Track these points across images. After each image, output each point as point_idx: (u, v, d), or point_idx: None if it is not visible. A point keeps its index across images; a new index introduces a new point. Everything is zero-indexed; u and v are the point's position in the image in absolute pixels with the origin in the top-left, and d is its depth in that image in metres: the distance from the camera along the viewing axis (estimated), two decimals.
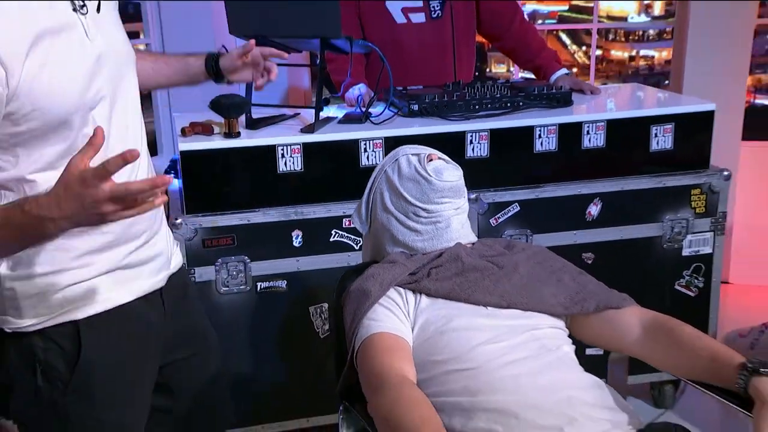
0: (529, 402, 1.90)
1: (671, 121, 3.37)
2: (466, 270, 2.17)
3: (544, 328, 2.13)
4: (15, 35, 1.69)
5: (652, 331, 2.12)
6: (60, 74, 1.75)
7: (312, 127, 3.09)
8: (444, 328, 2.07)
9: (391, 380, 1.91)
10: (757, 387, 1.79)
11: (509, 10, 3.93)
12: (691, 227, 3.40)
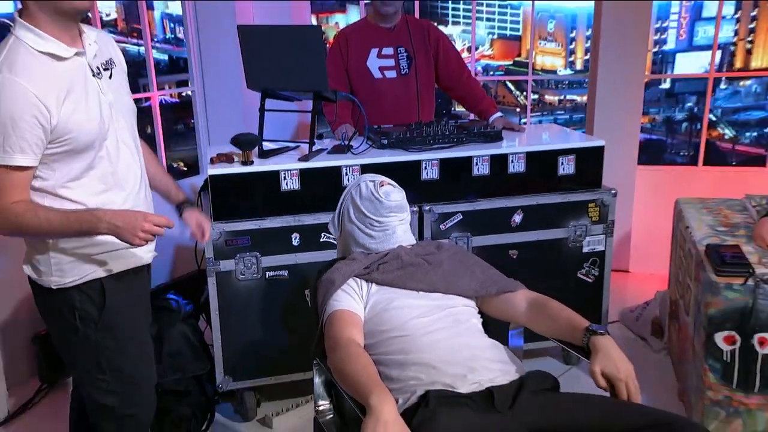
0: (444, 358, 2.07)
1: (573, 153, 3.50)
2: (405, 265, 2.33)
3: (458, 307, 2.29)
4: (55, 90, 1.94)
5: (532, 307, 2.29)
6: (84, 116, 2.00)
7: (307, 156, 3.22)
8: (387, 307, 2.24)
9: (342, 342, 2.08)
10: (594, 342, 2.01)
11: (459, 70, 4.00)
12: (588, 231, 3.51)
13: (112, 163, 2.18)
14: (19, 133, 1.91)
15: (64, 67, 2.00)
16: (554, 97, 5.41)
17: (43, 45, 1.95)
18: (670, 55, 5.54)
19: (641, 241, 4.89)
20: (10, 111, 1.89)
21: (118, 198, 2.20)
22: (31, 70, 1.94)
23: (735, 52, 6.19)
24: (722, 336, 2.85)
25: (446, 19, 5.99)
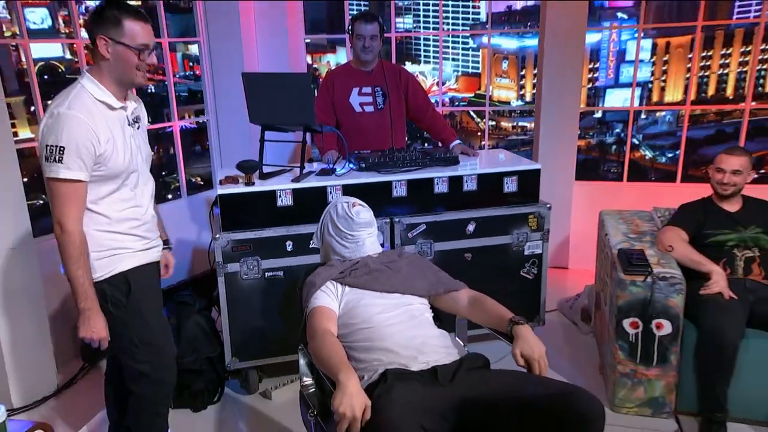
0: (400, 344, 2.15)
1: (515, 175, 3.53)
2: (371, 271, 2.39)
3: (414, 304, 2.36)
4: (104, 129, 2.13)
5: (471, 303, 2.36)
6: (119, 153, 2.17)
7: (298, 178, 3.26)
8: (357, 305, 2.31)
9: (320, 332, 2.16)
10: (515, 330, 2.07)
11: (425, 105, 4.01)
12: (528, 238, 3.54)
13: (134, 190, 2.31)
14: (79, 155, 2.06)
15: (112, 115, 2.18)
16: (508, 124, 5.52)
17: (101, 95, 2.14)
18: (601, 90, 5.70)
19: (577, 243, 4.90)
20: (75, 138, 2.05)
21: (137, 213, 2.33)
22: (89, 110, 2.12)
23: (652, 88, 6.34)
24: (628, 322, 2.95)
25: (419, 59, 6.06)
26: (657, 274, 2.86)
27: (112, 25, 2.11)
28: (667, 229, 3.16)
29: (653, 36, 3.83)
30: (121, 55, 2.13)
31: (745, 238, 3.08)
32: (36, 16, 4.26)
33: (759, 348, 2.82)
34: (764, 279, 3.02)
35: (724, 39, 4.62)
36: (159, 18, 4.64)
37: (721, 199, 3.16)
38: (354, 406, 1.74)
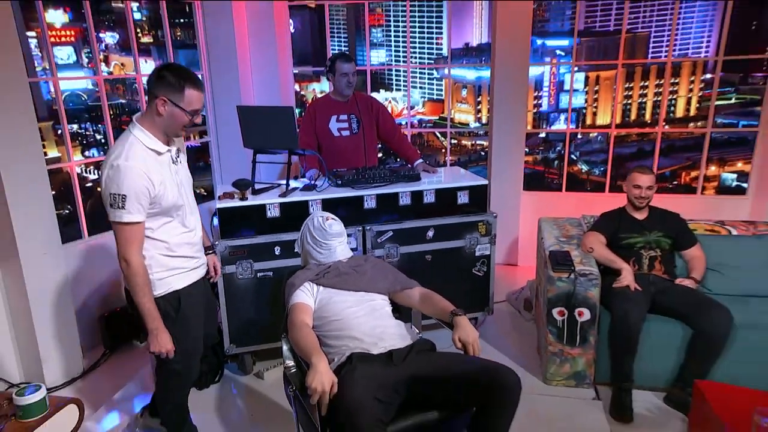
0: (364, 332, 2.22)
1: (467, 189, 3.55)
2: (341, 273, 2.45)
3: (376, 300, 2.42)
4: (156, 174, 2.16)
5: (422, 298, 2.42)
6: (169, 192, 2.19)
7: (285, 193, 3.29)
8: (329, 301, 2.37)
9: (297, 324, 2.23)
10: (455, 320, 2.15)
11: (393, 130, 4.05)
12: (479, 241, 3.56)
13: (185, 218, 2.34)
14: (138, 200, 2.10)
15: (160, 159, 2.20)
16: (468, 142, 5.59)
17: (151, 144, 2.16)
18: (545, 114, 5.80)
19: (525, 244, 4.93)
20: (133, 186, 2.09)
21: (186, 237, 2.36)
22: (143, 159, 2.13)
23: (586, 113, 6.50)
24: (556, 310, 3.04)
25: (391, 87, 6.11)
26: (579, 271, 2.97)
27: (174, 90, 2.12)
28: (590, 234, 3.29)
29: (585, 70, 3.96)
30: (175, 116, 2.16)
31: (650, 240, 3.22)
32: (63, 53, 4.30)
33: (658, 330, 2.96)
34: (664, 274, 3.16)
35: (642, 74, 4.80)
36: (167, 51, 4.67)
37: (634, 209, 3.30)
38: (324, 382, 1.85)
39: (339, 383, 1.91)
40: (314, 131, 3.88)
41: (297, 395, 2.11)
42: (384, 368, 2.04)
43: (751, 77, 3.88)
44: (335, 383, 1.89)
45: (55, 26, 3.82)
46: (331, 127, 3.89)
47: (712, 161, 4.35)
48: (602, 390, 3.09)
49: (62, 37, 5.27)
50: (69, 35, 5.51)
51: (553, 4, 4.70)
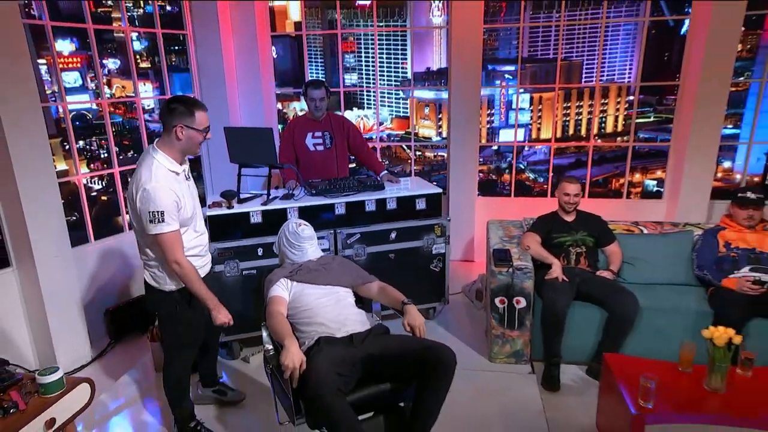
0: (330, 320, 2.31)
1: (424, 197, 3.62)
2: (311, 271, 2.51)
3: (341, 292, 2.49)
4: (179, 191, 2.28)
5: (379, 291, 2.50)
6: (186, 204, 2.31)
7: (266, 202, 3.36)
8: (301, 294, 2.43)
9: (274, 313, 2.31)
10: (405, 308, 2.27)
11: (361, 145, 4.08)
12: (435, 242, 3.64)
13: (196, 224, 2.45)
14: (171, 213, 2.24)
15: (178, 177, 2.32)
16: (431, 154, 5.70)
17: (170, 166, 2.29)
18: (497, 129, 5.94)
19: (479, 243, 5.04)
20: (166, 202, 2.22)
21: (197, 240, 2.46)
22: (167, 179, 2.26)
23: (531, 128, 6.69)
24: (498, 299, 3.16)
25: (363, 105, 6.22)
26: (516, 266, 3.12)
27: (187, 116, 2.26)
28: (528, 234, 3.43)
29: (530, 92, 4.11)
30: (192, 137, 2.29)
31: (577, 239, 3.39)
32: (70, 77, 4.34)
33: (581, 314, 3.12)
34: (588, 267, 3.33)
35: (577, 95, 5.02)
36: (163, 76, 4.74)
37: (564, 213, 3.46)
38: (294, 360, 1.98)
39: (307, 361, 2.02)
40: (293, 146, 3.94)
41: (274, 372, 2.22)
42: (345, 349, 2.15)
43: (666, 99, 4.09)
44: (304, 361, 2.01)
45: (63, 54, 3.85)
46: (307, 143, 3.95)
47: (637, 170, 4.57)
48: (537, 365, 3.24)
49: (69, 64, 5.31)
50: (75, 61, 5.55)
51: (501, 35, 4.87)
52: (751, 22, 3.30)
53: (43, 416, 1.97)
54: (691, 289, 3.25)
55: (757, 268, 3.02)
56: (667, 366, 2.41)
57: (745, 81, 4.36)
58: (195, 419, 2.69)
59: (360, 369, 2.13)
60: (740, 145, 4.78)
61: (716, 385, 2.21)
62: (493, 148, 4.62)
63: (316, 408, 1.92)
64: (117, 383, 3.27)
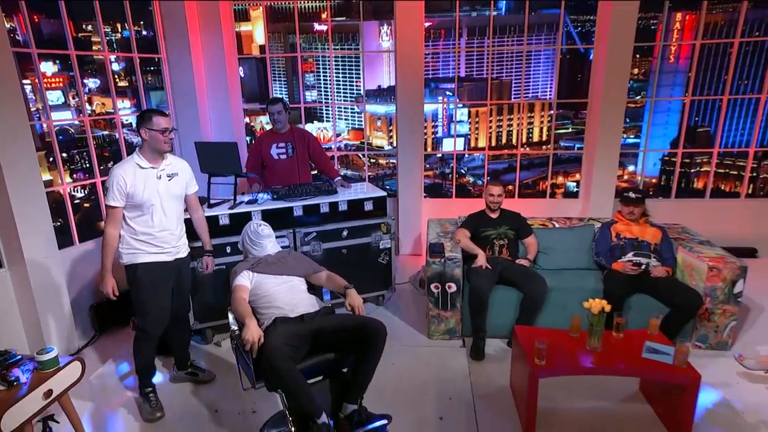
0: (285, 303, 2.45)
1: (372, 199, 3.78)
2: (270, 263, 2.64)
3: (295, 281, 2.63)
4: (131, 178, 2.55)
5: (327, 278, 2.64)
6: (140, 193, 2.53)
7: (233, 207, 3.47)
8: (261, 283, 2.56)
9: (237, 300, 2.44)
10: (347, 292, 2.43)
11: (320, 155, 4.21)
12: (382, 238, 3.82)
13: (153, 216, 2.65)
14: (116, 192, 2.54)
15: (142, 172, 2.59)
16: (383, 161, 5.89)
17: (138, 161, 2.60)
18: (440, 139, 6.22)
19: (425, 238, 4.77)
20: (112, 181, 2.54)
21: (150, 230, 2.64)
22: (125, 168, 2.57)
23: (470, 138, 7.00)
24: (433, 285, 3.37)
25: (322, 118, 6.42)
26: (448, 257, 3.35)
27: (146, 121, 2.58)
28: (459, 230, 3.67)
29: (468, 106, 4.32)
30: (153, 137, 2.59)
31: (500, 233, 3.65)
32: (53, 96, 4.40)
33: (502, 296, 3.38)
34: (509, 256, 3.60)
35: (508, 109, 5.34)
36: (140, 94, 4.72)
37: (490, 211, 3.74)
38: (254, 335, 2.16)
39: (264, 336, 2.21)
40: (260, 155, 4.09)
41: (238, 347, 2.40)
42: (297, 325, 2.33)
43: (580, 113, 4.35)
44: (262, 336, 2.20)
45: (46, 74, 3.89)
46: (272, 152, 4.08)
47: (560, 173, 4.92)
48: (467, 340, 3.48)
49: (52, 83, 5.34)
50: (58, 81, 5.59)
51: (441, 57, 5.12)
52: (644, 50, 3.68)
53: (42, 388, 2.12)
54: (591, 272, 3.58)
55: (638, 253, 3.40)
56: (563, 333, 2.72)
57: (642, 99, 4.81)
58: (151, 386, 2.86)
59: (309, 341, 2.31)
60: (638, 153, 5.24)
61: (594, 345, 2.56)
62: (437, 155, 4.83)
63: (272, 373, 2.12)
64: (102, 370, 3.36)
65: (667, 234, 3.51)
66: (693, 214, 4.85)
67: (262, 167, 4.12)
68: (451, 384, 3.03)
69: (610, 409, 2.72)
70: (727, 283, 3.13)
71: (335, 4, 5.20)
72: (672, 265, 3.38)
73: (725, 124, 5.07)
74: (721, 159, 4.62)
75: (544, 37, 5.17)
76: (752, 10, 4.69)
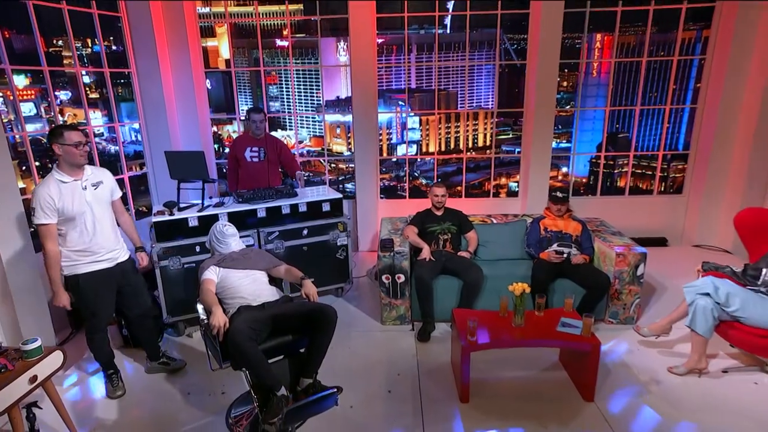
0: (248, 293, 2.56)
1: (329, 201, 3.91)
2: (234, 259, 2.75)
3: (257, 274, 2.74)
4: (57, 194, 2.52)
5: (285, 271, 2.76)
6: (69, 206, 2.53)
7: (201, 210, 3.56)
8: (226, 277, 2.67)
9: (205, 291, 2.54)
10: (303, 282, 2.55)
11: (289, 159, 4.32)
12: (339, 236, 3.94)
13: (86, 225, 2.65)
14: (45, 209, 2.51)
15: (68, 186, 2.58)
16: (343, 165, 5.95)
17: (59, 177, 2.56)
18: (395, 145, 6.37)
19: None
20: (39, 201, 2.50)
21: (86, 240, 2.64)
22: (49, 186, 2.53)
23: (422, 144, 7.14)
24: (384, 276, 3.54)
25: (285, 127, 6.54)
26: (397, 251, 3.53)
27: (59, 136, 2.53)
28: (408, 227, 3.86)
29: (419, 115, 4.54)
30: (67, 151, 2.54)
31: (444, 228, 3.85)
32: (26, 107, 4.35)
33: (445, 284, 3.58)
34: (452, 249, 3.80)
35: (455, 117, 5.64)
36: (111, 105, 4.75)
37: (435, 209, 3.93)
38: (219, 320, 2.30)
39: (229, 322, 2.35)
40: (235, 158, 4.19)
41: (206, 332, 2.52)
42: (258, 311, 2.48)
43: (519, 121, 4.69)
44: (227, 322, 2.34)
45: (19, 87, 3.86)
46: (245, 155, 4.19)
47: (503, 175, 5.20)
48: (417, 325, 3.67)
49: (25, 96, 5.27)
50: (30, 94, 5.51)
51: (394, 70, 5.40)
52: (571, 66, 4.01)
53: (27, 374, 2.21)
54: (523, 262, 3.85)
55: (562, 243, 3.70)
56: (493, 314, 2.97)
57: (570, 108, 5.20)
58: (113, 368, 2.97)
59: (269, 326, 2.46)
60: (569, 156, 5.65)
61: (518, 322, 2.83)
62: (392, 160, 5.01)
63: (236, 352, 2.26)
64: (79, 363, 3.43)
65: (586, 227, 3.85)
66: (615, 209, 5.25)
67: (238, 167, 4.21)
68: (400, 362, 3.23)
69: (534, 377, 2.99)
70: (632, 267, 3.46)
71: (295, 21, 5.38)
72: (590, 253, 3.70)
73: (639, 130, 5.51)
74: (637, 161, 5.05)
75: (485, 52, 5.47)
76: (656, 34, 5.13)
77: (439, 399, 2.80)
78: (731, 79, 4.84)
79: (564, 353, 3.09)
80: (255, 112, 4.12)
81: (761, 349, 2.76)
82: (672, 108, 5.23)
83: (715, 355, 3.17)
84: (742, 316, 2.77)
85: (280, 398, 2.25)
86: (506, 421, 2.58)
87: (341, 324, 3.52)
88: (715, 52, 4.95)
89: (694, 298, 2.87)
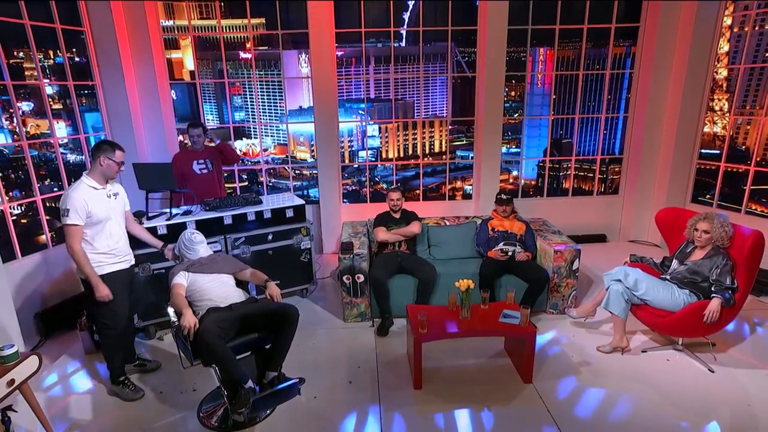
0: (216, 296, 2.72)
1: (292, 207, 4.05)
2: (202, 264, 2.87)
3: (224, 278, 2.86)
4: (91, 199, 2.69)
5: (251, 274, 2.90)
6: (98, 211, 2.66)
7: (170, 218, 3.64)
8: (195, 281, 2.78)
9: (175, 295, 2.65)
10: (267, 284, 2.70)
11: (230, 153, 4.36)
12: (302, 240, 4.09)
13: (110, 230, 2.80)
14: (78, 211, 2.65)
15: (97, 193, 2.74)
16: (307, 172, 6.01)
17: (91, 183, 2.72)
18: (356, 152, 6.53)
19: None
20: (74, 204, 2.64)
21: (110, 243, 2.81)
22: (83, 191, 2.70)
23: (382, 151, 7.37)
24: (345, 277, 3.70)
25: (250, 135, 6.60)
26: (356, 253, 3.70)
27: (109, 151, 2.76)
28: (377, 229, 4.02)
29: (378, 123, 4.73)
30: (110, 165, 2.77)
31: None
32: None
33: (402, 283, 3.78)
34: (407, 250, 4.01)
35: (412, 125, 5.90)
36: (75, 116, 4.72)
37: (392, 212, 4.13)
38: (189, 321, 2.42)
39: (199, 323, 2.48)
40: (181, 173, 4.21)
41: (178, 333, 2.66)
42: (226, 312, 2.62)
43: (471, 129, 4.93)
44: (197, 322, 2.47)
45: None
46: (194, 168, 4.25)
47: (458, 179, 5.43)
48: (376, 321, 3.86)
49: None
50: None
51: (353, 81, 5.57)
52: (518, 77, 4.33)
53: (5, 378, 2.29)
54: (473, 260, 4.10)
55: (507, 242, 3.99)
56: (443, 308, 3.20)
57: (519, 117, 5.55)
58: (124, 375, 3.06)
59: (237, 324, 2.61)
60: (519, 161, 6.01)
61: (465, 315, 3.08)
62: (354, 166, 5.16)
63: (206, 349, 2.40)
64: (49, 370, 3.47)
65: (530, 226, 4.17)
66: (560, 210, 5.61)
67: (185, 182, 4.24)
68: (360, 356, 3.41)
69: (482, 364, 3.23)
70: (567, 262, 3.78)
71: (258, 35, 5.54)
72: (533, 251, 4.01)
73: (579, 136, 5.91)
74: (579, 164, 5.44)
75: (438, 64, 5.75)
76: (591, 49, 5.55)
77: (395, 387, 3.00)
78: (654, 90, 5.26)
79: (508, 341, 3.35)
80: (193, 126, 4.19)
81: (662, 327, 3.13)
82: (607, 116, 5.64)
83: (635, 332, 3.54)
84: (647, 299, 3.14)
85: (247, 390, 2.40)
86: (453, 403, 2.81)
87: (306, 322, 3.85)
88: (641, 66, 5.38)
89: (609, 284, 3.21)
